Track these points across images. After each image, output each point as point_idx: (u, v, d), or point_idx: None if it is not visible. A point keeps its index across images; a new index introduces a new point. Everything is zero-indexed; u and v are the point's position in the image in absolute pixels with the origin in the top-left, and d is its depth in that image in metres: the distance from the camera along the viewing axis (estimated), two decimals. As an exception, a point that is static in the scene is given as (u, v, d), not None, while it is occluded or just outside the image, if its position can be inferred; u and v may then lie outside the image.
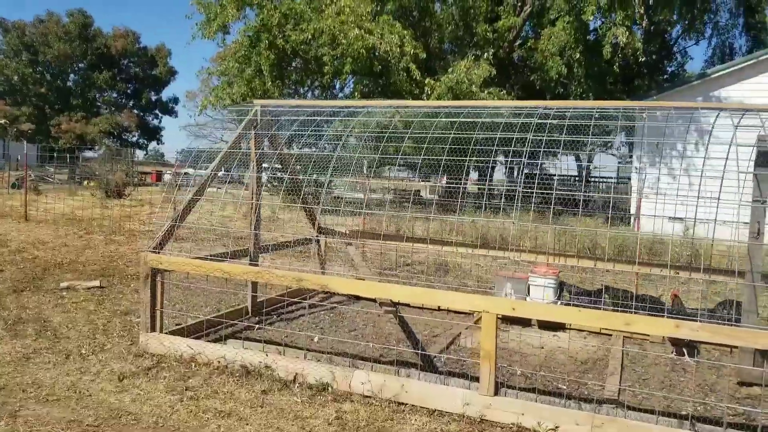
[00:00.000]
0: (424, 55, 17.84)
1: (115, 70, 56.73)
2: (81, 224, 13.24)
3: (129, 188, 23.04)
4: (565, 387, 4.97)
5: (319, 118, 6.43)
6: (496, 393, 4.15)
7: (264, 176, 7.06)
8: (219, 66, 21.75)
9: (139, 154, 59.28)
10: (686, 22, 28.27)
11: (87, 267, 8.92)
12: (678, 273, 7.20)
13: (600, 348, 6.26)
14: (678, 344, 5.99)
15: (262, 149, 6.60)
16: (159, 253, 5.34)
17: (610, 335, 6.63)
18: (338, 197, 12.65)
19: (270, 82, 18.40)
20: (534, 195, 5.30)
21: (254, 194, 6.59)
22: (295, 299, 7.08)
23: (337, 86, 23.94)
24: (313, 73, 21.01)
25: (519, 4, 22.19)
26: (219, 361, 4.99)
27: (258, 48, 18.30)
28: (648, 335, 6.37)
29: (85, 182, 27.07)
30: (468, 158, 5.62)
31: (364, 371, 4.52)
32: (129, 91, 59.96)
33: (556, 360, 5.84)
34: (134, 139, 62.11)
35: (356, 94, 17.96)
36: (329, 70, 17.84)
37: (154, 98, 61.75)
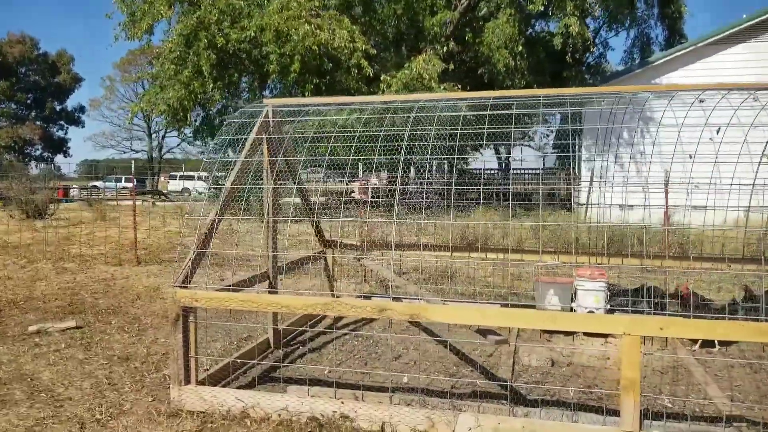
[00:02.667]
0: (374, 51, 17.16)
1: (13, 79, 52.29)
2: (16, 252, 11.62)
3: (51, 207, 20.91)
4: (670, 404, 4.48)
5: (339, 117, 5.65)
6: (640, 426, 3.57)
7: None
8: (148, 69, 20.07)
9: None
10: (608, 13, 29.08)
11: (48, 303, 7.63)
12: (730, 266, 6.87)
13: (662, 353, 5.85)
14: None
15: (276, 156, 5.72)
16: (187, 287, 4.39)
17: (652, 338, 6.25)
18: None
19: (211, 84, 17.13)
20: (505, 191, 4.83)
21: (270, 209, 5.71)
22: (298, 328, 6.26)
23: (275, 86, 22.86)
24: (255, 73, 19.85)
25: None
26: (280, 415, 4.12)
27: (196, 47, 16.98)
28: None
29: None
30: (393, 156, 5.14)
31: (470, 414, 3.82)
32: (29, 101, 55.57)
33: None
34: (37, 152, 57.76)
35: (306, 94, 16.99)
36: (275, 69, 16.79)
37: (58, 108, 57.63)
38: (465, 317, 3.80)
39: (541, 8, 17.06)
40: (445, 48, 18.92)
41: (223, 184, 5.20)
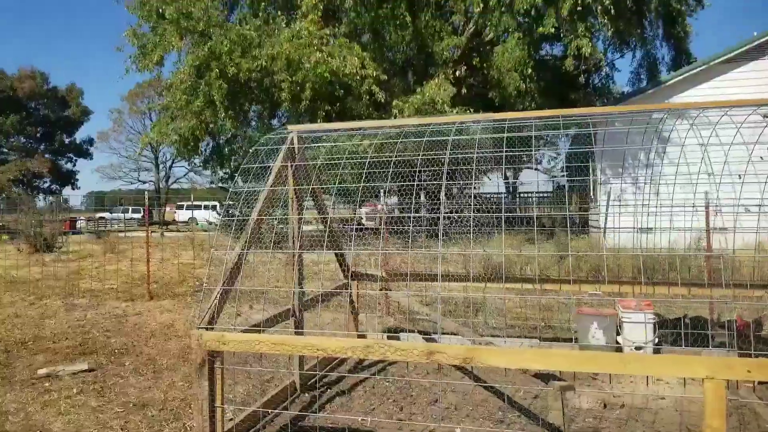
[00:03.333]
0: (385, 77, 16.96)
1: (23, 113, 52.56)
2: (24, 287, 11.27)
3: (60, 239, 20.64)
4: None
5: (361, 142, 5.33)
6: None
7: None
8: (158, 101, 19.96)
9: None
10: (617, 34, 28.92)
11: (59, 343, 7.25)
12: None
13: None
14: None
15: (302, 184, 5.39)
16: (213, 329, 4.00)
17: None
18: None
19: (224, 113, 16.93)
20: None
21: (296, 241, 5.35)
22: (323, 371, 5.84)
23: (283, 115, 22.72)
24: (265, 102, 19.68)
25: (462, 23, 21.79)
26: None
27: (207, 77, 16.83)
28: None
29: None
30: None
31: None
32: (39, 134, 55.82)
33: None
34: (46, 185, 57.79)
35: (318, 120, 16.76)
36: (287, 97, 16.59)
37: (67, 141, 57.87)
38: (526, 361, 3.39)
39: (552, 30, 16.85)
40: (456, 72, 18.74)
41: (235, 214, 4.89)
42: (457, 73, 19.42)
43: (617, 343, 6.04)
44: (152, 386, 5.67)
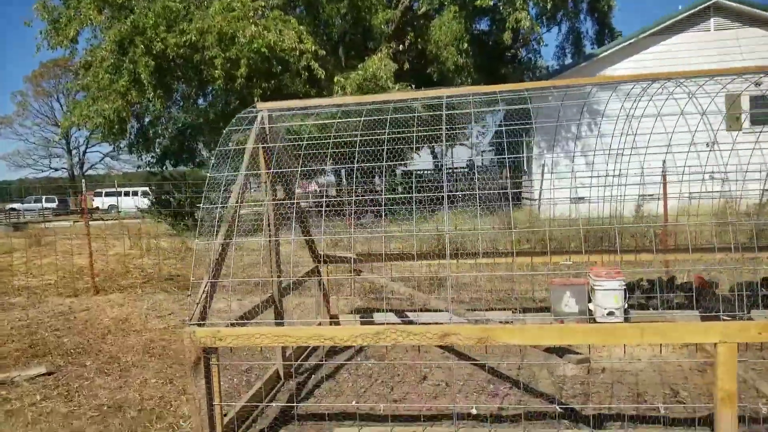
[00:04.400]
0: (324, 52, 16.62)
1: None
2: (-54, 288, 10.42)
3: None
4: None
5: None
6: (739, 439, 3.31)
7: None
8: (80, 80, 18.75)
9: None
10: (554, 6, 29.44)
11: (5, 347, 6.74)
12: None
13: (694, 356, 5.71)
14: None
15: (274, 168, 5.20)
16: (205, 324, 3.82)
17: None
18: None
19: (152, 92, 16.11)
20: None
21: (270, 228, 5.18)
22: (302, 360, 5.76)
23: (215, 94, 21.92)
24: (194, 80, 18.90)
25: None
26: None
27: (132, 54, 15.93)
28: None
29: None
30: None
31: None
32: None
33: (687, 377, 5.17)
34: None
35: (256, 99, 16.23)
36: (220, 74, 15.95)
37: (-35, 127, 53.75)
38: (544, 337, 3.43)
39: (491, 3, 16.98)
40: (398, 47, 18.60)
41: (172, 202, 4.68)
42: (400, 47, 19.27)
43: (589, 310, 6.25)
44: (123, 386, 5.39)
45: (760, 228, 8.71)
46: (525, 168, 20.67)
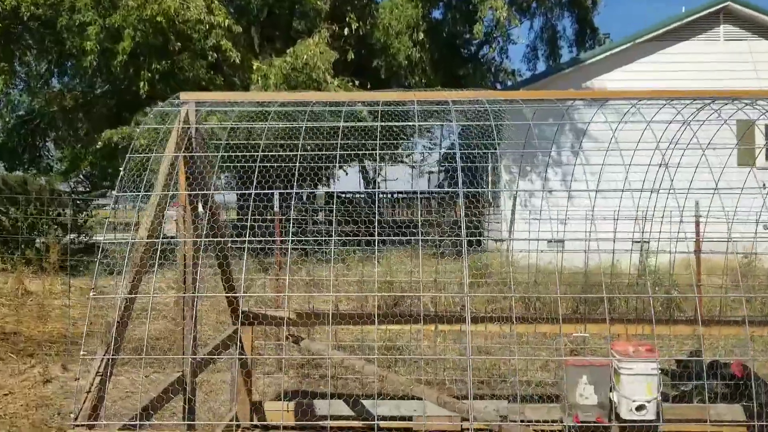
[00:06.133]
0: (240, 29, 16.06)
1: None
2: None
3: None
4: None
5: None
6: None
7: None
8: None
9: None
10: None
11: None
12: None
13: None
14: None
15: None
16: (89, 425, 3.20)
17: None
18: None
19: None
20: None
21: (186, 276, 4.60)
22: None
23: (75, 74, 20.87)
24: (52, 52, 17.89)
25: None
26: None
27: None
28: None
29: None
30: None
31: None
32: None
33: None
34: None
35: (142, 84, 15.39)
36: (93, 47, 15.02)
37: None
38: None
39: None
40: (334, 30, 18.26)
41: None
42: (345, 31, 18.93)
43: (611, 401, 5.98)
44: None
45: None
46: (489, 198, 20.70)
